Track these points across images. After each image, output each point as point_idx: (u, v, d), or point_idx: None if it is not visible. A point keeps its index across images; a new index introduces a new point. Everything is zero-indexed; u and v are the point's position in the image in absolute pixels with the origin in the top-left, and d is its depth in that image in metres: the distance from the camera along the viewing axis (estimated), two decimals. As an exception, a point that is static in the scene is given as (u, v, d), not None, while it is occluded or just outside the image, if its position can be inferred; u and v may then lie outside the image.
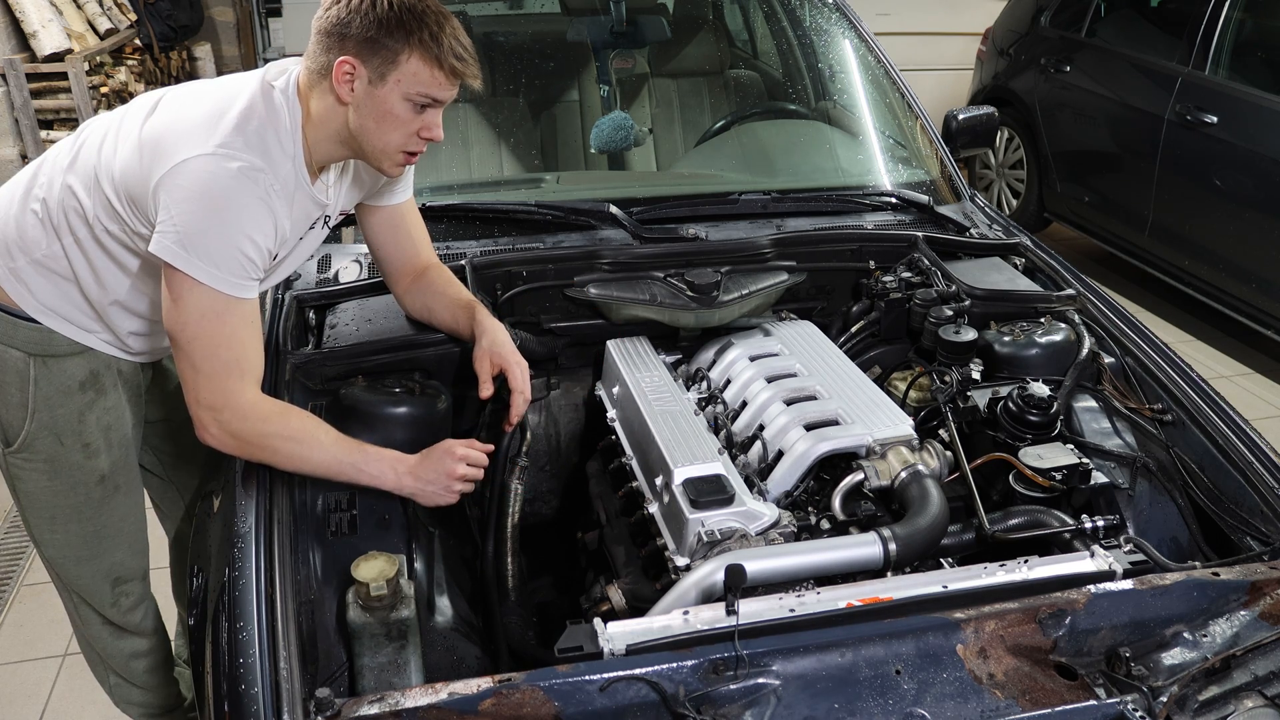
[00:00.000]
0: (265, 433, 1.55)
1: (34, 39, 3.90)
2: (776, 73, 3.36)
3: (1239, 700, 1.29)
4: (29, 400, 1.77)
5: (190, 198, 1.50)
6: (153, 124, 1.59)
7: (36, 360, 1.76)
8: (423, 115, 1.59)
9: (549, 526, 2.14)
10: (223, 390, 1.54)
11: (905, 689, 1.24)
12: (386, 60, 1.53)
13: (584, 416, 2.13)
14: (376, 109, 1.56)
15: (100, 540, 1.91)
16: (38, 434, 1.79)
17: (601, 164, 2.87)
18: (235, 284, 1.53)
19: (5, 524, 3.20)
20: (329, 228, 1.81)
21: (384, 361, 1.87)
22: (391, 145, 1.60)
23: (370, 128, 1.58)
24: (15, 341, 1.74)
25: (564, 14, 3.17)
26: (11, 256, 1.72)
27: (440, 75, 1.55)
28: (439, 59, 1.54)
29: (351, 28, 1.52)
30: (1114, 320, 2.06)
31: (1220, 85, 4.37)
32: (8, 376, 1.76)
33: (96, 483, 1.86)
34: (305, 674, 1.28)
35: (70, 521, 1.87)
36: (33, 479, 1.83)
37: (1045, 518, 1.63)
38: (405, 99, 1.56)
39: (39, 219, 1.70)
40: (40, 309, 1.73)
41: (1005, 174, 5.86)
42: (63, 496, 1.85)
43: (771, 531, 1.54)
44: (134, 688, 2.10)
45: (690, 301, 2.00)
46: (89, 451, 1.83)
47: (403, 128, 1.59)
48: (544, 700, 1.19)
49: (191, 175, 1.50)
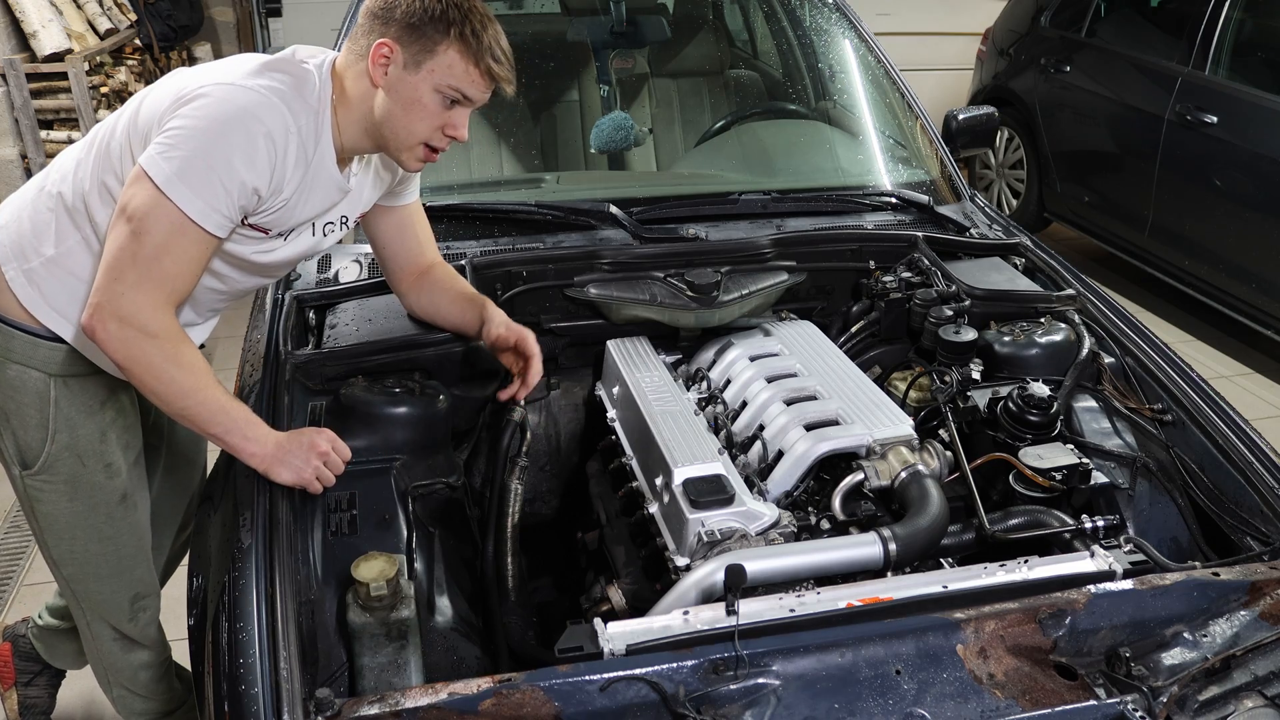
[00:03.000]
0: (162, 353, 1.49)
1: (34, 39, 3.90)
2: (776, 73, 3.36)
3: (1239, 700, 1.29)
4: (49, 421, 1.73)
5: (196, 116, 1.48)
6: (178, 81, 1.59)
7: (57, 380, 1.72)
8: (450, 111, 1.60)
9: (549, 526, 2.14)
10: (149, 299, 1.48)
11: (905, 689, 1.24)
12: (425, 48, 1.54)
13: (584, 416, 2.13)
14: (406, 95, 1.56)
15: (120, 559, 1.88)
16: (59, 455, 1.75)
17: (601, 164, 2.87)
18: (208, 214, 1.49)
19: (5, 524, 3.20)
20: (347, 227, 1.79)
21: (384, 361, 1.87)
22: (414, 136, 1.60)
23: (397, 115, 1.58)
24: (34, 362, 1.70)
25: (564, 14, 3.17)
26: (25, 258, 1.67)
27: (475, 72, 1.56)
28: (476, 55, 1.55)
29: (397, 12, 1.54)
30: (1114, 320, 2.06)
31: (1220, 85, 4.37)
32: (26, 398, 1.72)
33: (118, 502, 1.83)
34: (305, 674, 1.28)
35: (91, 542, 1.84)
36: (53, 500, 1.79)
37: (1045, 518, 1.63)
38: (436, 90, 1.56)
39: (55, 212, 1.66)
40: (53, 315, 1.68)
41: (1005, 174, 5.86)
42: (83, 517, 1.81)
43: (771, 531, 1.54)
44: (138, 698, 2.08)
45: (690, 301, 2.00)
46: (110, 471, 1.80)
47: (428, 120, 1.59)
48: (544, 700, 1.19)
49: (205, 98, 1.49)
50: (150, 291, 1.48)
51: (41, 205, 1.69)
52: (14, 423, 1.74)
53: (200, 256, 1.53)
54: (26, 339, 1.68)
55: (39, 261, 1.67)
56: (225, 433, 1.53)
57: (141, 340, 1.48)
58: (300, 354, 1.85)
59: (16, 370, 1.70)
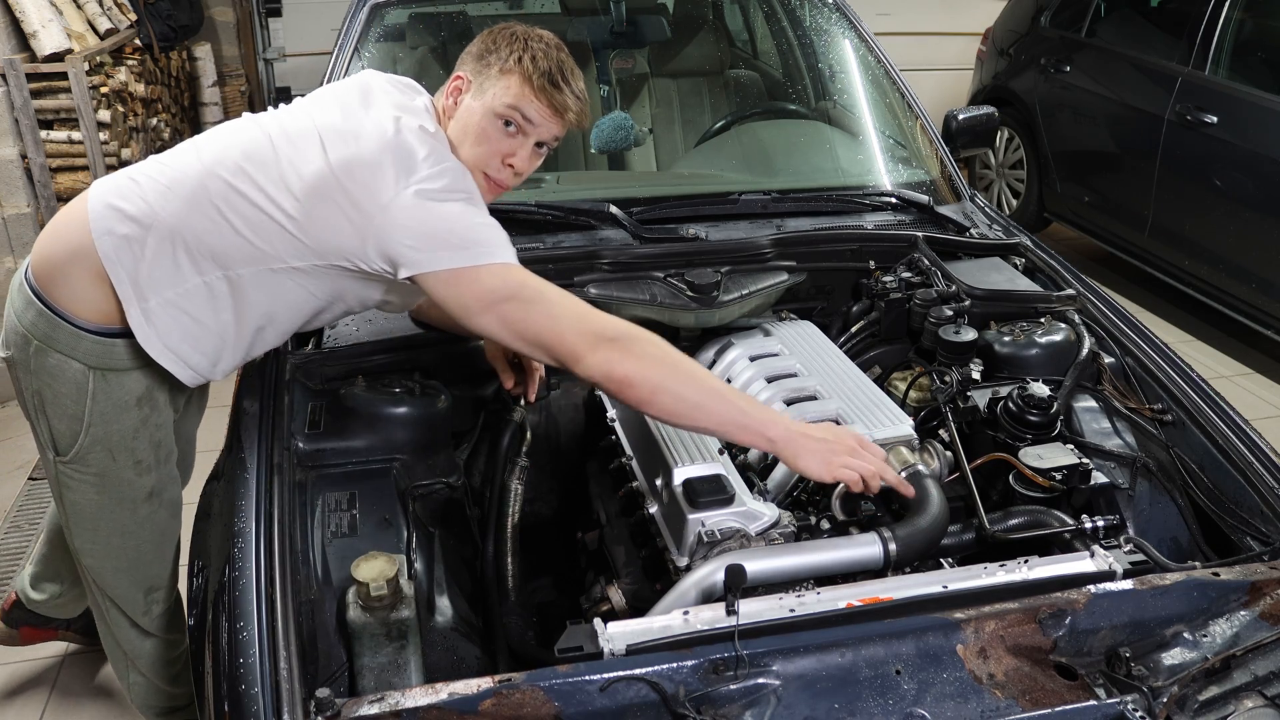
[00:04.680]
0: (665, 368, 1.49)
1: (34, 39, 3.90)
2: (776, 73, 3.36)
3: (1239, 700, 1.29)
4: (85, 414, 1.73)
5: (418, 218, 1.53)
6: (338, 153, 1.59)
7: (96, 374, 1.71)
8: (511, 139, 1.64)
9: (549, 526, 2.14)
10: (583, 312, 1.53)
11: (905, 689, 1.24)
12: (488, 76, 1.63)
13: (584, 416, 2.13)
14: (469, 121, 1.64)
15: (139, 554, 1.89)
16: (90, 448, 1.75)
17: (601, 164, 2.87)
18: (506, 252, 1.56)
19: (5, 524, 3.20)
20: None
21: (384, 361, 1.87)
22: (474, 162, 1.64)
23: (462, 140, 1.64)
24: (77, 353, 1.69)
25: (564, 14, 3.17)
26: (124, 280, 1.63)
27: (529, 91, 1.61)
28: (531, 76, 1.61)
29: (473, 49, 1.68)
30: (1114, 320, 2.06)
31: (1220, 85, 4.36)
32: (65, 388, 1.71)
33: (144, 499, 1.84)
34: (305, 674, 1.28)
35: (113, 535, 1.85)
36: (81, 490, 1.80)
37: (1045, 518, 1.63)
38: (495, 114, 1.62)
39: (173, 257, 1.63)
40: (162, 349, 1.66)
41: (1005, 174, 5.85)
42: (108, 511, 1.82)
43: (771, 531, 1.54)
44: (152, 687, 2.09)
45: (690, 301, 2.00)
46: (140, 469, 1.81)
47: (487, 144, 1.63)
48: (544, 700, 1.19)
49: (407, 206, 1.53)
50: (586, 311, 1.54)
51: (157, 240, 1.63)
52: (50, 410, 1.74)
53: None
54: (70, 330, 1.67)
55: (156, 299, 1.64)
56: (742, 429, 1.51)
57: (627, 349, 1.50)
58: (300, 354, 1.85)
59: (57, 359, 1.69)
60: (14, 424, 3.66)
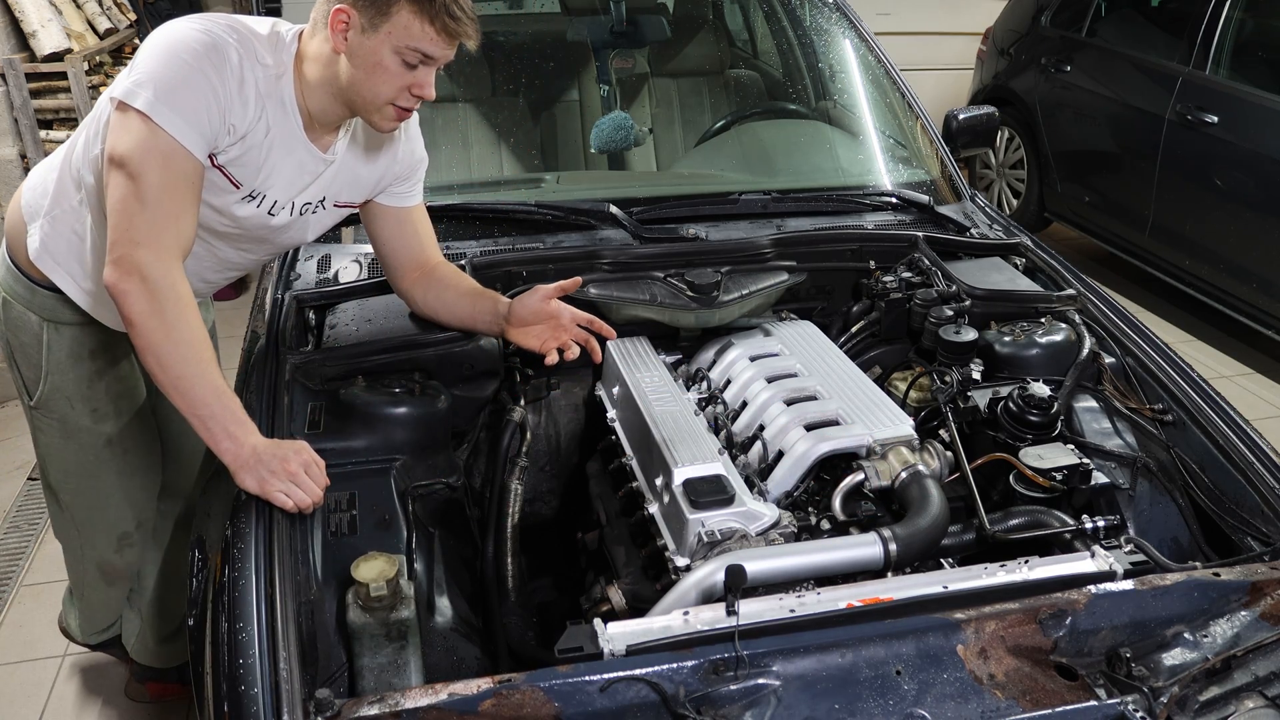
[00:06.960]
0: (173, 313, 1.48)
1: (33, 39, 3.90)
2: (776, 73, 3.36)
3: (1239, 701, 1.29)
4: (43, 362, 1.89)
5: (157, 45, 1.54)
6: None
7: (50, 325, 1.86)
8: (414, 72, 1.59)
9: (549, 526, 2.14)
10: (161, 251, 1.49)
11: (906, 689, 1.24)
12: (379, 10, 1.54)
13: (584, 416, 2.13)
14: (367, 59, 1.57)
15: (109, 498, 2.04)
16: (51, 395, 1.92)
17: (601, 164, 2.87)
18: (188, 133, 1.50)
19: (5, 524, 3.20)
20: (325, 208, 1.80)
21: (384, 361, 1.86)
22: (380, 98, 1.60)
23: (361, 79, 1.58)
24: (33, 306, 1.85)
25: (564, 14, 3.17)
26: (36, 216, 1.79)
27: (431, 31, 1.55)
28: (431, 15, 1.53)
29: None
30: (1114, 320, 2.06)
31: (1220, 85, 4.36)
32: (26, 338, 1.88)
33: (104, 445, 1.98)
34: (305, 674, 1.28)
35: (82, 478, 2.01)
36: (49, 435, 1.97)
37: (1046, 518, 1.63)
38: (395, 52, 1.56)
39: (61, 177, 1.77)
40: (54, 266, 1.79)
41: (1005, 174, 5.85)
42: (73, 454, 1.98)
43: (772, 532, 1.54)
44: (86, 611, 2.23)
45: (690, 301, 2.00)
46: (96, 416, 1.95)
47: (392, 81, 1.58)
48: (544, 701, 1.18)
49: (162, 31, 1.56)
50: (161, 240, 1.50)
51: (55, 173, 1.79)
52: (19, 359, 1.92)
53: (194, 188, 1.56)
54: (28, 284, 1.84)
55: (45, 220, 1.78)
56: (210, 418, 1.50)
57: (153, 297, 1.48)
58: (300, 354, 1.85)
59: (18, 311, 1.87)
60: (14, 424, 3.66)
